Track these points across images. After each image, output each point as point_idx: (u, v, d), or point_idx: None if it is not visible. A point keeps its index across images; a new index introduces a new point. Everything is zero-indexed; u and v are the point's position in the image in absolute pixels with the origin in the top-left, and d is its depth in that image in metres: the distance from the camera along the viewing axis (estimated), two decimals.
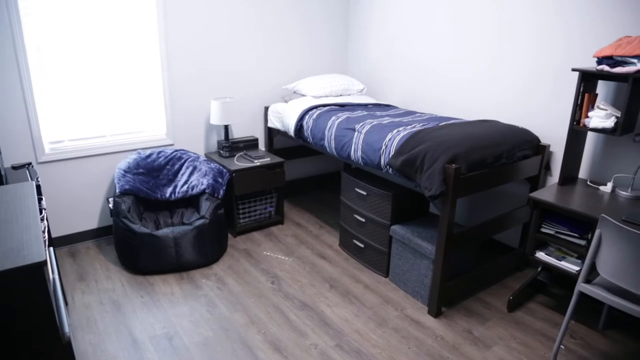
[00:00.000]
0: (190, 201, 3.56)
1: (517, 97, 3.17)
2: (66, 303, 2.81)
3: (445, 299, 2.79)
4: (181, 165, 3.53)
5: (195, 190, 3.41)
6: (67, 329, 1.42)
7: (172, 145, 3.81)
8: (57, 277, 1.74)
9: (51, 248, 1.92)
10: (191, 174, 3.50)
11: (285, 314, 2.78)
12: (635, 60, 2.29)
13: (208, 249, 3.25)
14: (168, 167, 3.49)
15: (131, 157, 3.40)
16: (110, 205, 3.36)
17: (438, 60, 3.69)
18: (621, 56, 2.33)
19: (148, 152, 3.47)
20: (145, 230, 3.06)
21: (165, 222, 3.41)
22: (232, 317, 2.73)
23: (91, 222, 3.59)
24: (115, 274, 3.15)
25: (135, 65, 3.48)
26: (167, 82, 3.63)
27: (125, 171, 3.30)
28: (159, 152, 3.49)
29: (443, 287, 2.71)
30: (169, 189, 3.43)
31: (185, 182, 3.46)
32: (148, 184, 3.37)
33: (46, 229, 2.09)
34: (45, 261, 1.32)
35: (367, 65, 4.44)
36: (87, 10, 3.18)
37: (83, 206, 3.52)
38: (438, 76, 3.71)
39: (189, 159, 3.56)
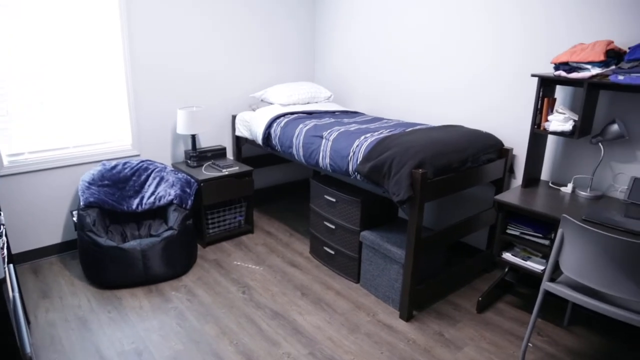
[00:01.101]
0: (158, 212, 3.50)
1: (480, 102, 3.25)
2: (28, 322, 2.71)
3: (416, 302, 2.82)
4: (148, 176, 3.46)
5: (162, 201, 3.35)
6: (28, 349, 1.37)
7: (138, 155, 3.73)
8: (17, 295, 1.68)
9: (11, 265, 1.86)
10: (158, 184, 3.44)
11: (257, 323, 2.75)
12: (589, 66, 2.39)
13: (177, 261, 3.19)
14: (134, 178, 3.42)
15: (96, 169, 3.32)
16: (75, 219, 3.27)
17: (402, 68, 3.75)
18: (576, 62, 2.42)
19: (113, 163, 3.40)
20: (112, 243, 2.99)
21: (133, 234, 3.33)
22: (203, 329, 2.68)
23: (54, 236, 3.48)
24: (81, 290, 3.06)
25: (98, 74, 3.40)
26: (132, 92, 3.57)
27: (89, 183, 3.22)
28: (125, 163, 3.42)
29: (413, 291, 2.74)
30: (136, 201, 3.36)
31: (152, 193, 3.39)
32: (114, 195, 3.29)
33: (5, 245, 2.02)
34: (4, 279, 1.28)
35: (333, 72, 4.48)
36: (47, 17, 3.09)
37: (46, 220, 3.41)
38: (402, 83, 3.77)
39: (156, 170, 3.49)
